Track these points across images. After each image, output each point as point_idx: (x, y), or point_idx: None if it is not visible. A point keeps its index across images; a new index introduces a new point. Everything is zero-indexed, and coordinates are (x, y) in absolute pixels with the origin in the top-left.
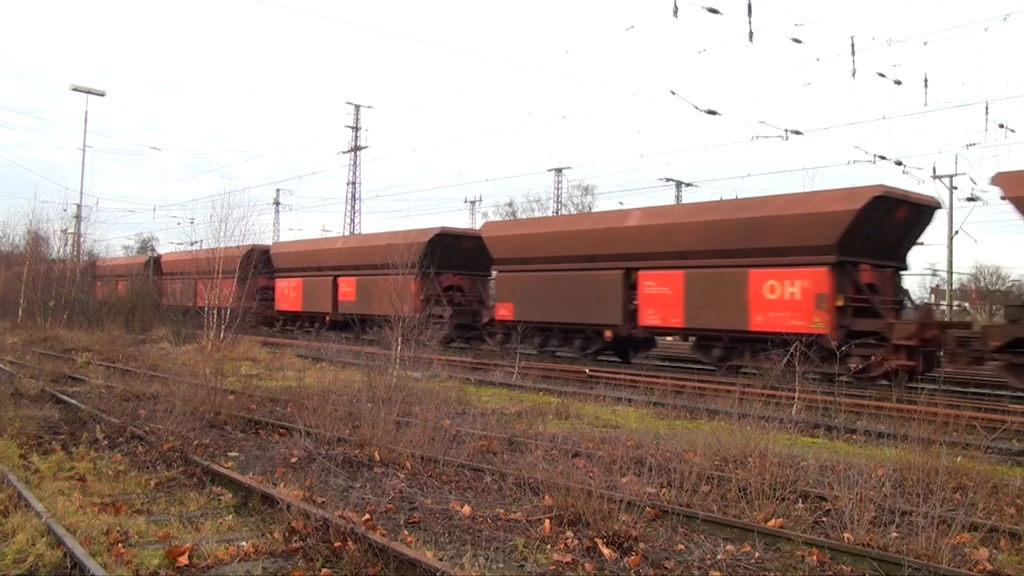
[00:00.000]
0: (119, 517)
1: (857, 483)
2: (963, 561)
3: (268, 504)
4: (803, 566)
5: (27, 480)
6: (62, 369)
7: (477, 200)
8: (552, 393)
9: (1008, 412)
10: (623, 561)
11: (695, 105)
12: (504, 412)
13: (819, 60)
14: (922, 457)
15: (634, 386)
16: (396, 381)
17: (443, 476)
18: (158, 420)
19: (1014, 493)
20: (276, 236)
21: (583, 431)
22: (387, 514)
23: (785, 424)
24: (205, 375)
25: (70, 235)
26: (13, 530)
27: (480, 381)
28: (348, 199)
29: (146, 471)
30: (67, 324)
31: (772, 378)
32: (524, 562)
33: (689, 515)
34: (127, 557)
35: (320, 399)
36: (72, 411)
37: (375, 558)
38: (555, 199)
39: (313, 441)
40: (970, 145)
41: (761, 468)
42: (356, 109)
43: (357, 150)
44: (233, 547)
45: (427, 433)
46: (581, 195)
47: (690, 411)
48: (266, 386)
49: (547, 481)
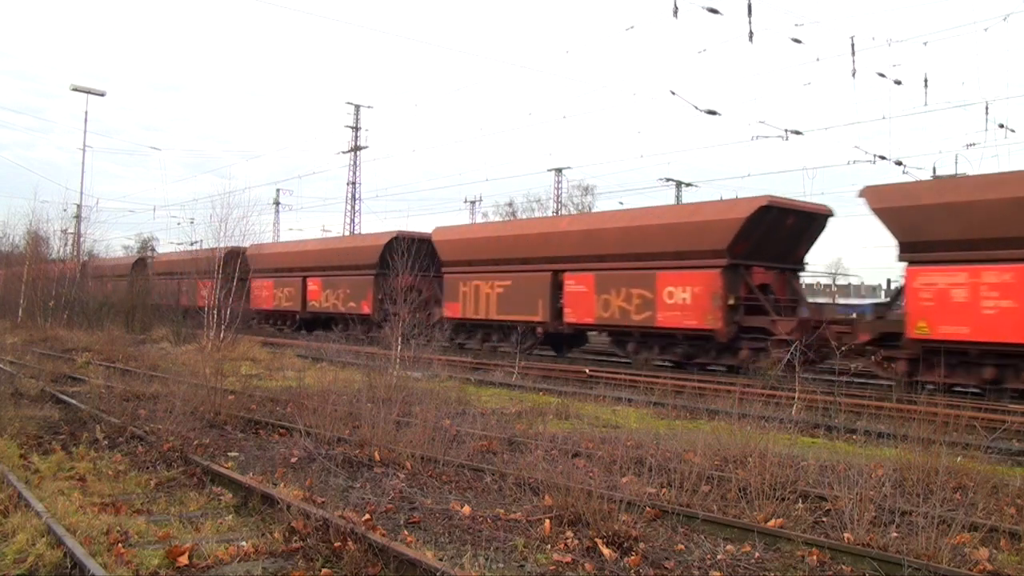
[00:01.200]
0: (119, 517)
1: (857, 483)
2: (963, 561)
3: (268, 504)
4: (803, 566)
5: (27, 480)
6: (62, 369)
7: (477, 200)
8: (552, 393)
9: (1008, 412)
10: (623, 561)
11: (695, 105)
12: (504, 412)
13: (819, 60)
14: (922, 457)
15: (634, 386)
16: (396, 381)
17: (443, 476)
18: (158, 420)
19: (1014, 493)
20: (276, 236)
21: (583, 431)
22: (387, 514)
23: (785, 424)
24: (205, 375)
25: (70, 235)
26: (13, 530)
27: (480, 381)
28: (348, 199)
29: (146, 471)
30: (67, 324)
31: (772, 378)
32: (524, 562)
33: (689, 515)
34: (127, 557)
35: (320, 399)
36: (72, 411)
37: (375, 558)
38: (555, 199)
39: (313, 441)
40: (970, 145)
41: (761, 468)
42: (356, 109)
43: (357, 150)
44: (233, 547)
45: (427, 433)
46: (581, 195)
47: (690, 411)
48: (266, 386)
49: (547, 481)
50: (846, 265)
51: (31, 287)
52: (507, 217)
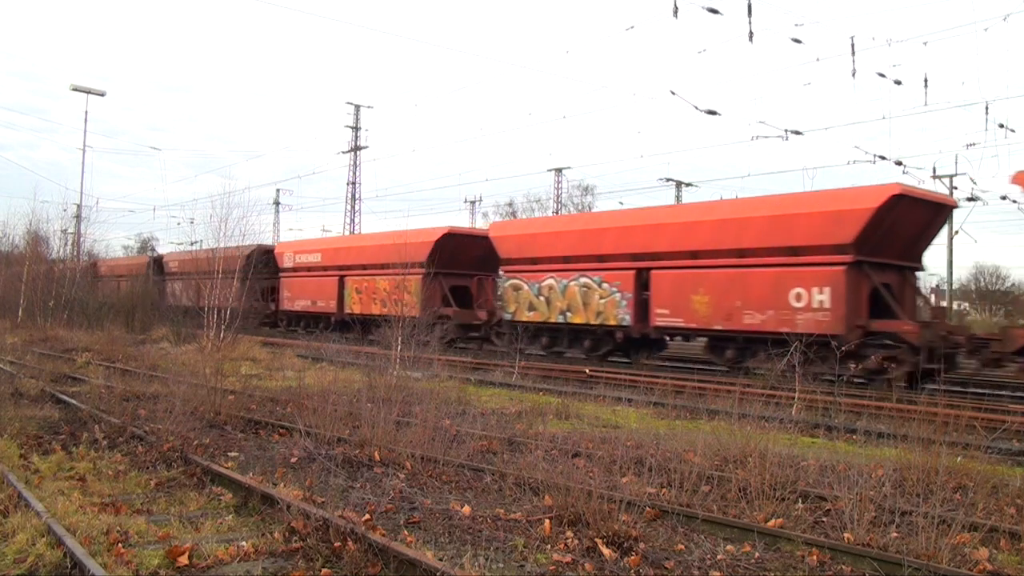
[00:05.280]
0: (119, 517)
1: (857, 483)
2: (963, 561)
3: (268, 504)
4: (803, 566)
5: (27, 480)
6: (62, 369)
7: (477, 200)
8: (552, 393)
9: (1008, 412)
10: (623, 561)
11: (695, 105)
12: (504, 412)
13: (819, 60)
14: (922, 457)
15: (634, 386)
16: (396, 381)
17: (443, 476)
18: (158, 420)
19: (1014, 493)
20: (276, 236)
21: (583, 431)
22: (387, 514)
23: (785, 424)
24: (205, 375)
25: (70, 235)
26: (13, 530)
27: (480, 381)
28: (348, 199)
29: (146, 471)
30: (67, 324)
31: (772, 378)
32: (524, 562)
33: (689, 515)
34: (127, 557)
35: (320, 399)
36: (72, 411)
37: (375, 558)
38: (555, 199)
39: (313, 441)
40: (970, 145)
41: (761, 468)
42: (356, 109)
43: (357, 150)
44: (233, 547)
45: (427, 433)
46: (581, 195)
47: (690, 411)
48: (266, 386)
49: (547, 481)
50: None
51: (31, 287)
52: (507, 216)
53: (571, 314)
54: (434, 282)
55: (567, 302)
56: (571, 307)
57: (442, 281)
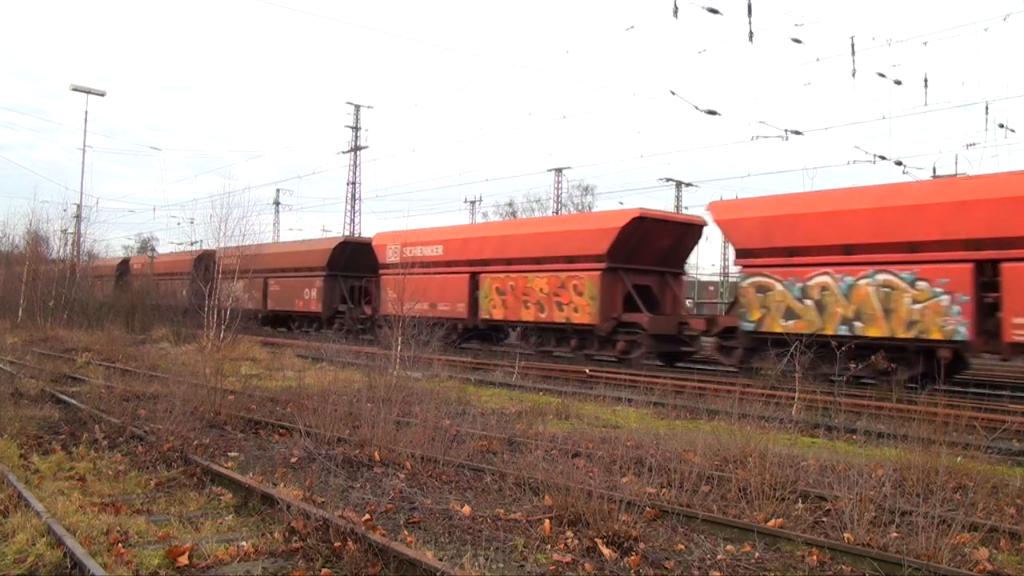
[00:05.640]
0: (119, 517)
1: (857, 483)
2: (963, 561)
3: (268, 504)
4: (803, 566)
5: (27, 480)
6: (62, 369)
7: (477, 200)
8: (552, 393)
9: (1008, 412)
10: (623, 561)
11: (695, 105)
12: (504, 412)
13: (819, 60)
14: (922, 457)
15: (634, 386)
16: (396, 381)
17: (443, 476)
18: (158, 420)
19: (1014, 493)
20: (276, 236)
21: (583, 431)
22: (387, 514)
23: (785, 424)
24: (205, 375)
25: (70, 235)
26: (13, 530)
27: (480, 381)
28: (348, 199)
29: (146, 471)
30: (67, 324)
31: (772, 378)
32: (524, 562)
33: (689, 515)
34: (127, 557)
35: (320, 399)
36: (72, 411)
37: (375, 558)
38: (555, 199)
39: (313, 441)
40: (970, 145)
41: (761, 468)
42: (356, 109)
43: (357, 150)
44: (233, 547)
45: (427, 433)
46: (581, 195)
47: (690, 411)
48: (266, 386)
49: (547, 481)
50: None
51: (31, 287)
52: (507, 216)
53: (861, 324)
54: (614, 280)
55: (854, 307)
56: (861, 314)
57: (623, 278)
